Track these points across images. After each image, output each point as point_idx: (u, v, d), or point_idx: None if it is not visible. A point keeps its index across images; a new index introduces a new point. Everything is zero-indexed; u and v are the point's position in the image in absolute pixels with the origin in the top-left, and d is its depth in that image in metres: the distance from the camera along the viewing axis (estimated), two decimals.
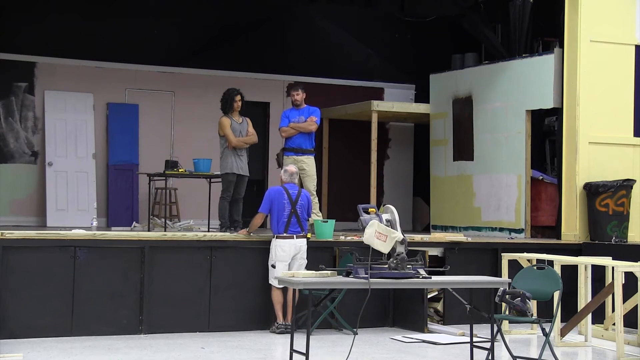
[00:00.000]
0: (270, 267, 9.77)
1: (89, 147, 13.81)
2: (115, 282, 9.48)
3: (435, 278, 7.41)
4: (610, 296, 9.51)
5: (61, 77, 13.76)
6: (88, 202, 13.59)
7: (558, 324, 9.32)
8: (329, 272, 7.22)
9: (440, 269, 8.36)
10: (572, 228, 11.74)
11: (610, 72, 11.99)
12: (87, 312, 9.34)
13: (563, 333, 9.55)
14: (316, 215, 10.93)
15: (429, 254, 10.60)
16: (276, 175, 11.28)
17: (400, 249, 7.03)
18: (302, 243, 9.75)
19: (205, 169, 11.63)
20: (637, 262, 9.21)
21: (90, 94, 13.90)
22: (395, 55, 15.96)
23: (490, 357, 7.61)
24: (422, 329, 10.16)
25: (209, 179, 11.89)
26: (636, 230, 11.86)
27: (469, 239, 11.31)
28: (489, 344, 7.57)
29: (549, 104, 12.36)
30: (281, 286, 9.26)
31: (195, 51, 14.59)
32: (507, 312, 7.96)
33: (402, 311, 10.52)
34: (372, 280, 6.90)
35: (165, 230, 11.46)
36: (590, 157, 11.78)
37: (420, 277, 7.11)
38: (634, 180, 11.70)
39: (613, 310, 9.35)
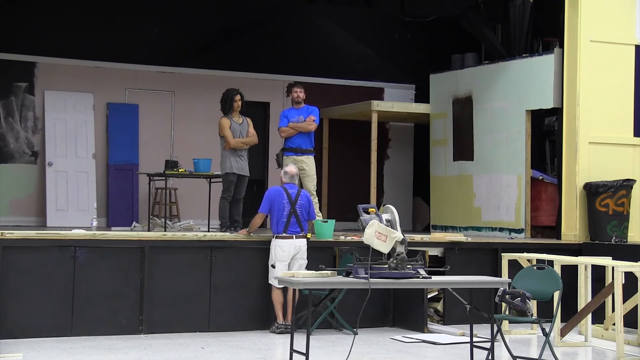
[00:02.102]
0: (270, 267, 9.77)
1: (89, 147, 13.81)
2: (115, 282, 9.48)
3: (435, 278, 7.41)
4: (610, 296, 9.51)
5: (61, 77, 13.75)
6: (88, 202, 13.58)
7: (558, 324, 9.32)
8: (329, 272, 7.22)
9: (440, 269, 8.37)
10: (572, 228, 11.73)
11: (610, 72, 11.98)
12: (87, 312, 9.34)
13: (563, 333, 9.55)
14: (316, 215, 10.91)
15: (429, 254, 10.59)
16: (276, 175, 11.28)
17: (400, 249, 7.03)
18: (301, 243, 9.74)
19: (205, 169, 11.64)
20: (637, 262, 9.21)
21: (90, 94, 13.89)
22: (395, 55, 15.95)
23: (490, 357, 7.61)
24: (422, 329, 10.16)
25: (209, 179, 11.89)
26: (636, 230, 11.86)
27: (469, 239, 11.30)
28: (489, 344, 7.57)
29: (549, 104, 12.36)
30: (281, 286, 9.26)
31: (195, 51, 14.59)
32: (507, 312, 7.96)
33: (402, 311, 10.52)
34: (372, 280, 6.90)
35: (165, 230, 11.46)
36: (590, 157, 11.78)
37: (420, 277, 7.11)
38: (634, 180, 11.70)
39: (613, 310, 9.35)
